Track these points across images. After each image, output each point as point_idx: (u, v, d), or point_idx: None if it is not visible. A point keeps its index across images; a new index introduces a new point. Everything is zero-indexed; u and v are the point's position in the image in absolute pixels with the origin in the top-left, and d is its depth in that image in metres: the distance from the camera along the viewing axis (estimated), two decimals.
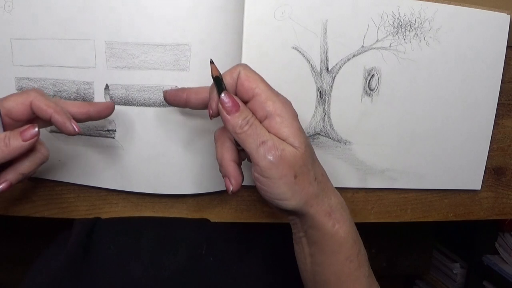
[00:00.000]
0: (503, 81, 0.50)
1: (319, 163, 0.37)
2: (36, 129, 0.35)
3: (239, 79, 0.35)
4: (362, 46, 0.46)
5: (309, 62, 0.46)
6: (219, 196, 0.48)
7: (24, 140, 0.34)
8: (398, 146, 0.50)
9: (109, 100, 0.42)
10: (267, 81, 0.36)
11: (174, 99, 0.39)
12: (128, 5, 0.40)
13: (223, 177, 0.36)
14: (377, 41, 0.46)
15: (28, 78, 0.43)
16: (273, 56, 0.45)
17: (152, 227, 0.44)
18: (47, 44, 0.41)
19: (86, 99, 0.42)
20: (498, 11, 0.48)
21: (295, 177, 0.34)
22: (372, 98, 0.48)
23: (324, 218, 0.35)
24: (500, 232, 1.10)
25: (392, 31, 0.46)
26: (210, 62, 0.34)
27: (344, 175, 0.50)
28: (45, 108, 0.35)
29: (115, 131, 0.43)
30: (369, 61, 0.47)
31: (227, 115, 0.34)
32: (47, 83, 0.42)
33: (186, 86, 0.41)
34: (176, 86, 0.42)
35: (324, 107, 0.47)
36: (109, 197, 0.47)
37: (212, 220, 0.49)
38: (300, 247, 0.38)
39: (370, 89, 0.47)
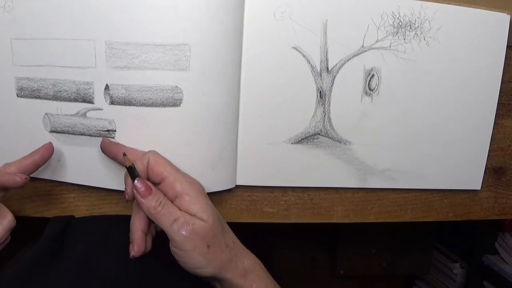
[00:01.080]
0: (503, 81, 0.50)
1: (230, 230, 0.42)
2: None
3: (149, 165, 0.39)
4: (362, 46, 0.46)
5: (309, 62, 0.46)
6: (219, 196, 0.48)
7: None
8: (398, 146, 0.50)
9: (108, 100, 0.42)
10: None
11: (105, 150, 0.43)
12: (128, 5, 0.40)
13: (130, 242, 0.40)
14: (377, 41, 0.46)
15: (28, 78, 0.43)
16: (273, 56, 0.45)
17: (123, 223, 0.44)
18: (47, 44, 0.41)
19: (86, 99, 0.42)
20: (498, 11, 0.48)
21: (208, 247, 0.38)
22: (372, 98, 0.48)
23: (240, 280, 0.39)
24: (500, 232, 1.10)
25: (392, 31, 0.46)
26: (123, 154, 0.39)
27: (344, 175, 0.50)
28: None
29: (115, 131, 0.43)
30: (369, 61, 0.47)
31: (142, 199, 0.37)
32: (47, 83, 0.42)
33: (184, 86, 0.42)
34: (176, 86, 0.42)
35: (324, 107, 0.47)
36: (109, 197, 0.47)
37: None
38: None
39: (370, 89, 0.47)
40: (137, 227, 0.40)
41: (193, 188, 0.39)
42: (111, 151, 0.42)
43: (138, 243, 0.40)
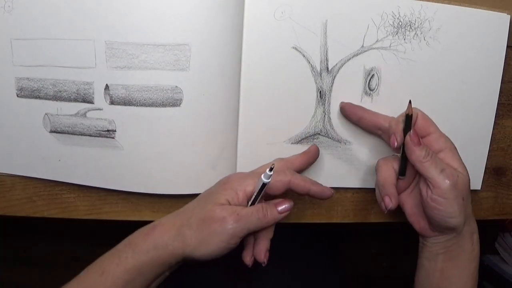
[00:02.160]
0: (503, 81, 0.50)
1: None
2: (291, 203, 0.41)
3: (417, 119, 0.43)
4: (362, 46, 0.46)
5: (309, 62, 0.46)
6: None
7: (280, 213, 0.41)
8: None
9: (108, 100, 0.42)
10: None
11: (349, 112, 0.46)
12: (128, 5, 0.40)
13: (382, 197, 0.44)
14: (377, 41, 0.46)
15: (28, 78, 0.43)
16: (273, 56, 0.45)
17: None
18: (47, 44, 0.41)
19: (86, 99, 0.42)
20: (498, 11, 0.48)
21: (463, 199, 0.42)
22: (372, 98, 0.48)
23: (469, 237, 0.44)
24: (500, 232, 1.10)
25: (392, 31, 0.46)
26: (409, 102, 0.42)
27: (344, 175, 0.50)
28: (303, 184, 0.41)
29: (115, 131, 0.43)
30: (369, 61, 0.47)
31: (415, 147, 0.41)
32: (47, 83, 0.42)
33: (184, 86, 0.42)
34: (176, 86, 0.42)
35: (324, 107, 0.47)
36: (109, 197, 0.47)
37: None
38: (432, 264, 0.45)
39: (370, 89, 0.47)
40: (390, 182, 0.44)
41: (453, 146, 0.44)
42: (355, 114, 0.46)
43: (395, 195, 0.43)
